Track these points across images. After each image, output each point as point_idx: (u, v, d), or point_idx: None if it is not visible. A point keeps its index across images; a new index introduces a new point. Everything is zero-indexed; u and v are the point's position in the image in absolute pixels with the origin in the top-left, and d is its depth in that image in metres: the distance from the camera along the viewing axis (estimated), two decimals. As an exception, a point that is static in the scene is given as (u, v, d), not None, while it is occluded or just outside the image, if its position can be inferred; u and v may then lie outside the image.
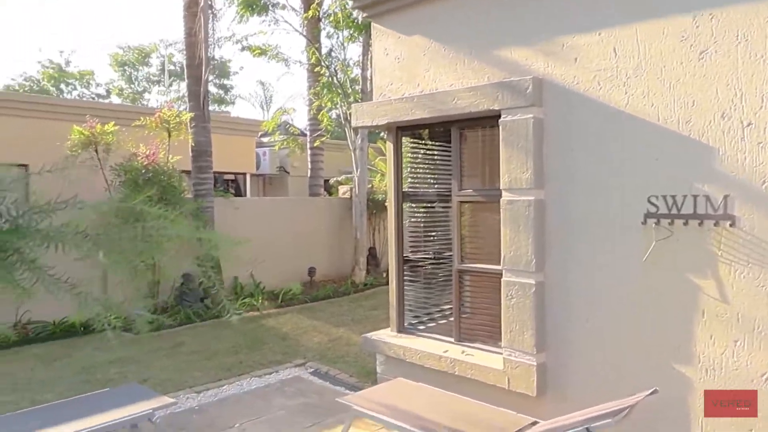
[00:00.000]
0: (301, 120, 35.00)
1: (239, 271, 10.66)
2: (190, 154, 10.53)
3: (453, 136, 4.95)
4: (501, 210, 4.38)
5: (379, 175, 14.70)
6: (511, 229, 4.31)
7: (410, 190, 5.58)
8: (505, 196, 4.35)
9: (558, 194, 4.18)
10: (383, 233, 13.66)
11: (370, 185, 13.23)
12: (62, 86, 33.76)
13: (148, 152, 9.38)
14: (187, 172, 10.56)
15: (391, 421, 3.92)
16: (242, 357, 6.95)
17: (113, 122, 9.31)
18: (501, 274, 4.45)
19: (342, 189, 14.58)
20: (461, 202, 4.97)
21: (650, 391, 3.15)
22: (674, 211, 3.64)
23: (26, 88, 31.20)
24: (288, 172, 18.27)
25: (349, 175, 14.60)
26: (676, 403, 3.65)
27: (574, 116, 4.08)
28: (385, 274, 12.63)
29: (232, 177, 16.34)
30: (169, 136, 9.93)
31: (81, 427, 3.95)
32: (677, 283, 3.66)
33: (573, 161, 4.09)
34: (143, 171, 9.07)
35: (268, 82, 42.95)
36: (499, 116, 4.37)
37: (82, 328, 8.27)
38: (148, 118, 9.89)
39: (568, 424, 3.13)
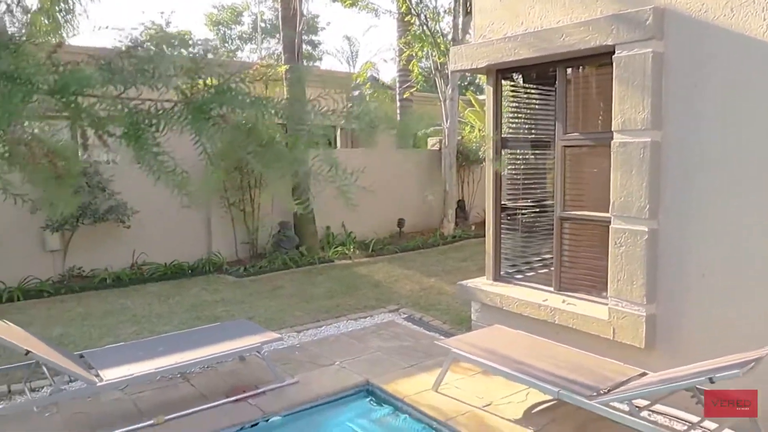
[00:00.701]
0: (387, 74, 34.75)
1: (332, 221, 10.93)
2: (285, 105, 10.79)
3: (558, 76, 4.68)
4: (611, 153, 4.12)
5: (468, 126, 14.36)
6: (623, 174, 4.06)
7: (509, 135, 5.39)
8: (617, 138, 4.09)
9: (677, 135, 3.87)
10: (472, 186, 13.44)
11: (459, 137, 12.96)
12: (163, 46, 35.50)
13: (246, 104, 9.72)
14: (283, 125, 10.84)
15: (491, 364, 3.92)
16: (338, 301, 7.19)
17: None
18: (607, 222, 4.24)
19: (431, 141, 14.40)
20: (565, 146, 4.73)
21: (781, 344, 2.92)
22: (818, 151, 3.26)
23: (131, 49, 33.08)
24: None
25: (437, 127, 14.37)
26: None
27: (702, 49, 3.71)
28: (473, 227, 12.50)
29: (322, 130, 16.57)
30: (266, 88, 10.19)
31: (198, 356, 4.29)
32: (817, 231, 3.32)
33: (698, 98, 3.75)
34: (244, 123, 9.41)
35: (354, 37, 42.81)
36: (613, 52, 4.07)
37: (189, 271, 8.88)
38: (246, 71, 10.19)
39: (689, 374, 2.98)
